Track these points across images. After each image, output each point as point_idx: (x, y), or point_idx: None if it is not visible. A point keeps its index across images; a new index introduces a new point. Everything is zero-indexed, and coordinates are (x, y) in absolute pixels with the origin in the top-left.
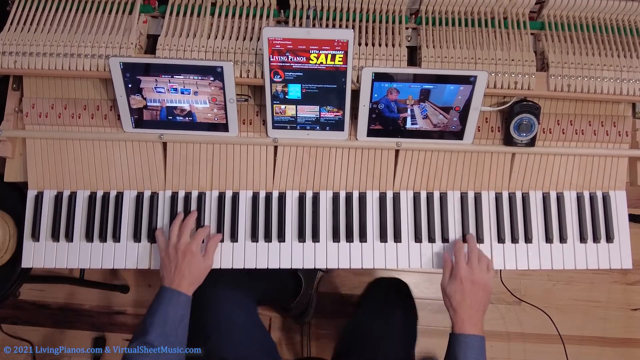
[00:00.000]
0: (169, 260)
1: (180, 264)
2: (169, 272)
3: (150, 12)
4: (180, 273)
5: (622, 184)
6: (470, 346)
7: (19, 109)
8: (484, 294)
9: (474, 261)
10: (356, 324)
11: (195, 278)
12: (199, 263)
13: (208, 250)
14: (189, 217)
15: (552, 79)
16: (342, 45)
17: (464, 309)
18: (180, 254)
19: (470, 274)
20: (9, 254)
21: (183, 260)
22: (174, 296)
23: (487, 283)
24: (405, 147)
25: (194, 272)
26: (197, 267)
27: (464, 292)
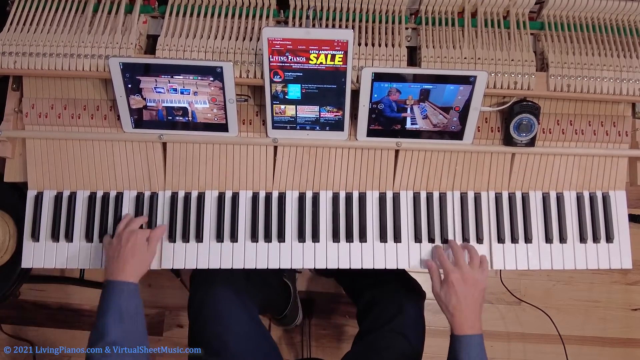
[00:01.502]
0: (112, 248)
1: (122, 250)
2: (112, 261)
3: (150, 12)
4: (123, 259)
5: (622, 184)
6: (472, 346)
7: (19, 109)
8: (477, 291)
9: (461, 261)
10: None
11: (139, 264)
12: (142, 248)
13: (152, 239)
14: (139, 217)
15: (551, 79)
16: (342, 45)
17: (461, 311)
18: (124, 240)
19: (460, 275)
20: (9, 254)
21: (126, 245)
22: (123, 287)
23: (479, 280)
24: (405, 147)
25: (137, 258)
26: (141, 254)
27: (457, 294)
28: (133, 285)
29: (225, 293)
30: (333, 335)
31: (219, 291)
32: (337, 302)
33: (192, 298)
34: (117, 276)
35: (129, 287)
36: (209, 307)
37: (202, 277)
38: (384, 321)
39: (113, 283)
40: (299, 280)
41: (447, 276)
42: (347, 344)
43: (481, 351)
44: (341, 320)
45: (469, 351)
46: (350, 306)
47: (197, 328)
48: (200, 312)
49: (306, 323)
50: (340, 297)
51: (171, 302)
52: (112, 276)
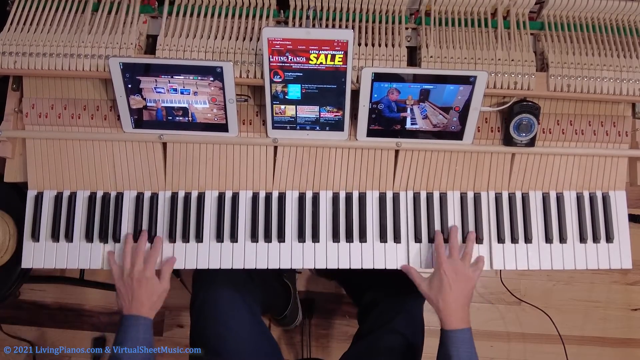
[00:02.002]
0: (125, 289)
1: (136, 293)
2: (127, 301)
3: (150, 12)
4: (139, 301)
5: (622, 184)
6: (461, 340)
7: (19, 109)
8: (467, 287)
9: (455, 255)
10: None
11: (153, 303)
12: (155, 288)
13: (163, 274)
14: (140, 241)
15: (551, 79)
16: (342, 45)
17: (449, 304)
18: (136, 282)
19: (452, 267)
20: (9, 254)
21: (139, 288)
22: (139, 322)
23: (470, 277)
24: (405, 147)
25: (152, 298)
26: (155, 293)
27: (449, 285)
28: (148, 321)
29: (227, 293)
30: (333, 335)
31: (221, 291)
32: (337, 302)
33: (194, 298)
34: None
35: (144, 322)
36: (211, 307)
37: (205, 277)
38: (385, 321)
39: (130, 318)
40: (299, 281)
41: (439, 267)
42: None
43: (470, 346)
44: (341, 320)
45: (459, 346)
46: (350, 306)
47: (199, 328)
48: (202, 312)
49: (306, 323)
50: (340, 297)
51: (171, 302)
52: (129, 311)
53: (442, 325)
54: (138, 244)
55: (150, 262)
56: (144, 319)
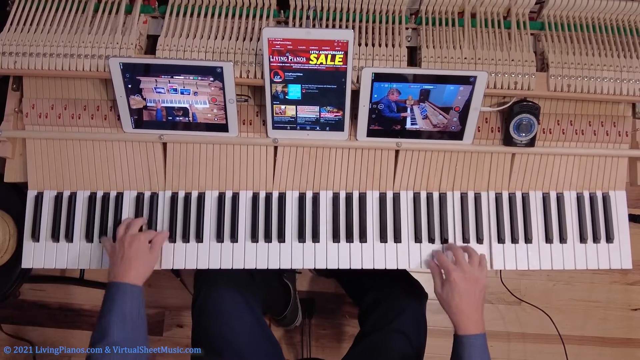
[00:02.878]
0: (114, 252)
1: (126, 253)
2: (116, 264)
3: (150, 12)
4: (127, 262)
5: (622, 184)
6: (474, 346)
7: (19, 110)
8: (478, 290)
9: (462, 260)
10: None
11: (142, 267)
12: (145, 253)
13: (154, 244)
14: (139, 218)
15: (552, 79)
16: (342, 45)
17: (463, 310)
18: (127, 243)
19: (461, 274)
20: (9, 254)
21: (129, 248)
22: (127, 289)
23: (479, 279)
24: (405, 148)
25: (141, 261)
26: (144, 257)
27: (460, 293)
28: (137, 288)
29: (228, 293)
30: (333, 335)
31: (223, 291)
32: (337, 302)
33: (196, 298)
34: (122, 279)
35: (132, 289)
36: (213, 307)
37: (206, 277)
38: (386, 322)
39: (117, 285)
40: (299, 280)
41: (448, 275)
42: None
43: (483, 352)
44: (341, 320)
45: (471, 352)
46: (350, 306)
47: (201, 328)
48: (204, 312)
49: (306, 323)
50: (340, 297)
51: (171, 302)
52: (116, 278)
53: (455, 330)
54: (135, 219)
55: (147, 232)
56: (130, 285)
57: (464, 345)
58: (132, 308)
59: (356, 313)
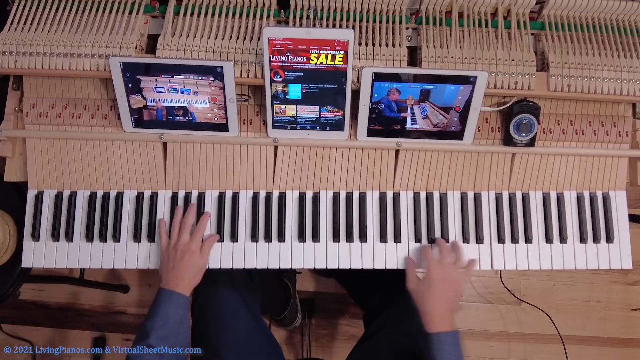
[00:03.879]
0: (168, 259)
1: (178, 264)
2: (168, 271)
3: (150, 12)
4: (179, 273)
5: (622, 184)
6: (446, 342)
7: (19, 109)
8: (454, 291)
9: (446, 259)
10: None
11: (192, 277)
12: (196, 262)
13: (204, 249)
14: (188, 213)
15: (552, 79)
16: (343, 45)
17: (435, 308)
18: (180, 253)
19: (442, 272)
20: (9, 253)
21: (182, 259)
22: (173, 297)
23: (458, 281)
24: (405, 147)
25: (191, 271)
26: (195, 266)
27: (436, 291)
28: (183, 298)
29: (228, 293)
30: (333, 335)
31: (222, 291)
32: (337, 302)
33: (196, 298)
34: (171, 287)
35: (178, 298)
36: (212, 308)
37: (206, 277)
38: (391, 323)
39: (166, 292)
40: (299, 280)
41: (429, 271)
42: (347, 343)
43: (455, 348)
44: (341, 320)
45: (442, 349)
46: (351, 306)
47: (200, 328)
48: (203, 312)
49: (306, 323)
50: (340, 297)
51: None
52: (167, 285)
53: (425, 328)
54: (186, 216)
55: (197, 236)
56: (178, 294)
57: (434, 342)
58: (175, 315)
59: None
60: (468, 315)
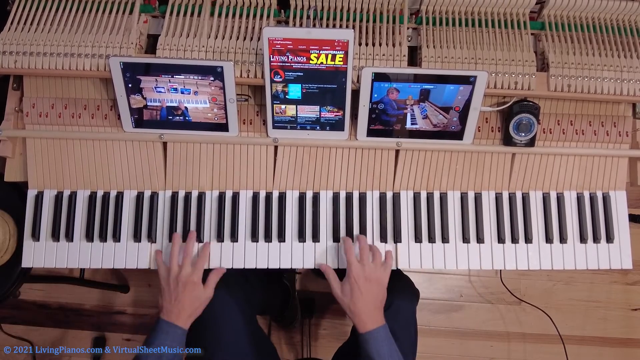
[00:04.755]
0: (169, 291)
1: (180, 296)
2: (169, 303)
3: (150, 11)
4: (180, 305)
5: (622, 184)
6: (379, 339)
7: (19, 109)
8: (378, 288)
9: (365, 259)
10: None
11: (194, 309)
12: (199, 294)
13: (209, 282)
14: (189, 242)
15: (552, 79)
16: (343, 45)
17: (362, 308)
18: (182, 285)
19: (362, 272)
20: (9, 253)
21: (184, 291)
22: (170, 330)
23: (380, 277)
24: (405, 147)
25: (194, 304)
26: (198, 299)
27: (360, 291)
28: (181, 331)
29: (222, 295)
30: (333, 335)
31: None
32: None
33: None
34: (171, 317)
35: (177, 330)
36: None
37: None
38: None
39: (165, 323)
40: (299, 280)
41: (350, 271)
42: None
43: (389, 341)
44: (341, 320)
45: (377, 346)
46: None
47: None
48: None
49: (306, 323)
50: None
51: None
52: (168, 317)
53: (357, 329)
54: (186, 245)
55: (198, 267)
56: (175, 327)
57: (369, 341)
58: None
59: None
60: (468, 315)
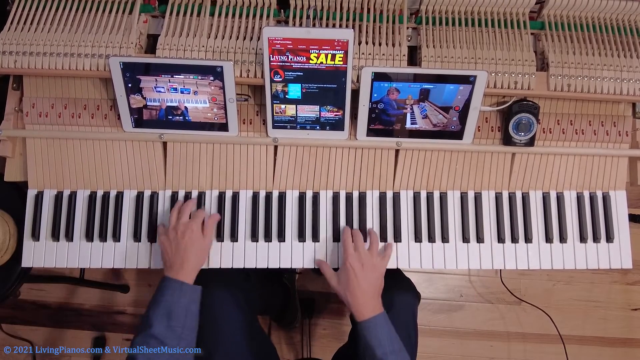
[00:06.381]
0: (169, 242)
1: (180, 244)
2: (170, 255)
3: (150, 11)
4: (181, 254)
5: (622, 183)
6: (377, 325)
7: (19, 109)
8: (374, 276)
9: (360, 247)
10: None
11: (197, 259)
12: (198, 240)
13: (207, 228)
14: (189, 201)
15: (552, 78)
16: (342, 45)
17: (358, 296)
18: (180, 233)
19: (357, 259)
20: (9, 253)
21: (182, 238)
22: (176, 286)
23: (376, 265)
24: (405, 147)
25: (195, 251)
26: (198, 246)
27: (356, 278)
28: (187, 286)
29: (221, 293)
30: (333, 335)
31: (214, 293)
32: (337, 302)
33: None
34: (175, 274)
35: (182, 286)
36: (206, 309)
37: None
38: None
39: (169, 280)
40: (299, 280)
41: (345, 260)
42: None
43: (388, 328)
44: (341, 320)
45: (377, 332)
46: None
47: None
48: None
49: (306, 323)
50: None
51: None
52: (170, 272)
53: (355, 319)
54: (186, 203)
55: (197, 216)
56: (181, 283)
57: (367, 329)
58: (179, 306)
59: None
60: (468, 315)
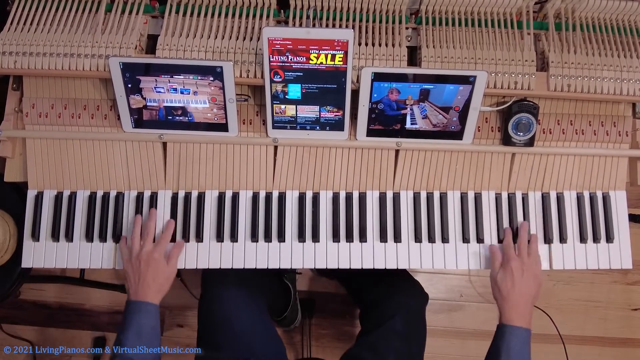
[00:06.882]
0: (132, 271)
1: (143, 274)
2: (134, 284)
3: (150, 12)
4: (145, 283)
5: (622, 184)
6: (514, 336)
7: (19, 109)
8: (534, 285)
9: (524, 253)
10: None
11: (160, 285)
12: (162, 270)
13: (171, 257)
14: (149, 221)
15: (552, 78)
16: (342, 45)
17: (513, 296)
18: (144, 263)
19: (520, 265)
20: (9, 254)
21: (147, 269)
22: (142, 307)
23: (537, 274)
24: (405, 147)
25: (159, 280)
26: (162, 275)
27: (514, 280)
28: (152, 307)
29: (234, 292)
30: (333, 335)
31: (229, 290)
32: (337, 302)
33: (203, 298)
34: (138, 297)
35: (147, 307)
36: (218, 306)
37: (213, 277)
38: (384, 321)
39: (135, 303)
40: (299, 280)
41: (507, 262)
42: (347, 344)
43: (523, 345)
44: (341, 320)
45: (510, 341)
46: (350, 306)
47: (205, 326)
48: (209, 311)
49: (306, 323)
50: (340, 297)
51: (171, 301)
52: (135, 297)
53: (500, 318)
54: (147, 224)
55: (161, 243)
56: (147, 304)
57: (504, 333)
58: (147, 326)
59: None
60: (468, 315)
